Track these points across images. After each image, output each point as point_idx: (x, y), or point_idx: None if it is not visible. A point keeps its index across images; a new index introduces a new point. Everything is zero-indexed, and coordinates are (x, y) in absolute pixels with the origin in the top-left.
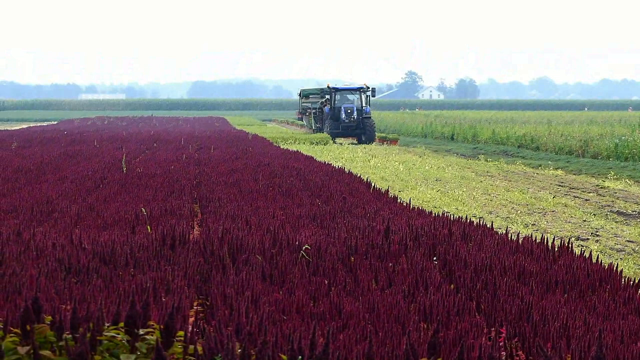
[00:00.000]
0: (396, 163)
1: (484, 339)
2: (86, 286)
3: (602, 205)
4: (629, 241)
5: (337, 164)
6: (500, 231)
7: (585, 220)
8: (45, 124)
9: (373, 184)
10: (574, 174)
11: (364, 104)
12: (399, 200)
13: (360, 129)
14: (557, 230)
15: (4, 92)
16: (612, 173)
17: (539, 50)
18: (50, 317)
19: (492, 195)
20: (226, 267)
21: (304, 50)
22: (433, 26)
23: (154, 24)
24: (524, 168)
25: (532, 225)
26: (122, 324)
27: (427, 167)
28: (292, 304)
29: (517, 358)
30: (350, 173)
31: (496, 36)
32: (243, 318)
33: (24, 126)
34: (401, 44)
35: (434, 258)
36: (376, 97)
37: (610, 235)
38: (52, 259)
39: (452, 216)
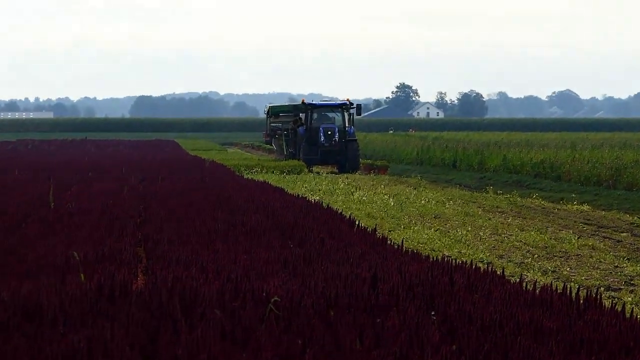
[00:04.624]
0: (386, 196)
1: None
2: (6, 347)
3: (637, 248)
4: None
5: (313, 197)
6: (513, 279)
7: (617, 266)
8: None
9: (357, 222)
10: (604, 210)
11: (347, 124)
12: (389, 242)
13: (342, 155)
14: (583, 278)
15: None
16: None
17: (559, 59)
18: None
19: (503, 235)
20: (177, 324)
21: (273, 59)
22: (430, 30)
23: (88, 26)
24: (542, 202)
25: (552, 272)
26: None
27: (423, 202)
28: None
29: None
30: (329, 209)
31: (508, 41)
32: None
33: None
34: (392, 51)
35: (432, 312)
36: (362, 115)
37: None
38: None
39: (454, 261)
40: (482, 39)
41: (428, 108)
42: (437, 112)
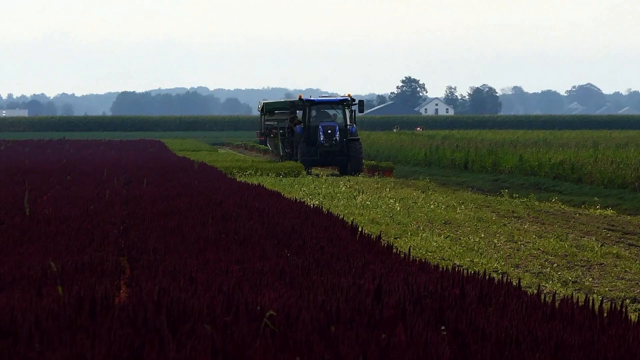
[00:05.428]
0: (391, 200)
1: None
2: None
3: None
4: None
5: (312, 201)
6: (530, 291)
7: None
8: None
9: (360, 229)
10: (629, 215)
11: (348, 122)
12: (394, 250)
13: (343, 155)
14: (607, 289)
15: None
16: None
17: (579, 51)
18: None
19: (519, 243)
20: (164, 341)
21: (268, 51)
22: (439, 20)
23: (65, 15)
24: (562, 207)
25: (573, 282)
26: None
27: (432, 206)
28: None
29: None
30: (329, 214)
31: (522, 32)
32: None
33: None
34: (397, 43)
35: (442, 327)
36: (364, 112)
37: None
38: None
39: (465, 271)
40: (495, 29)
41: (437, 104)
42: (447, 109)
